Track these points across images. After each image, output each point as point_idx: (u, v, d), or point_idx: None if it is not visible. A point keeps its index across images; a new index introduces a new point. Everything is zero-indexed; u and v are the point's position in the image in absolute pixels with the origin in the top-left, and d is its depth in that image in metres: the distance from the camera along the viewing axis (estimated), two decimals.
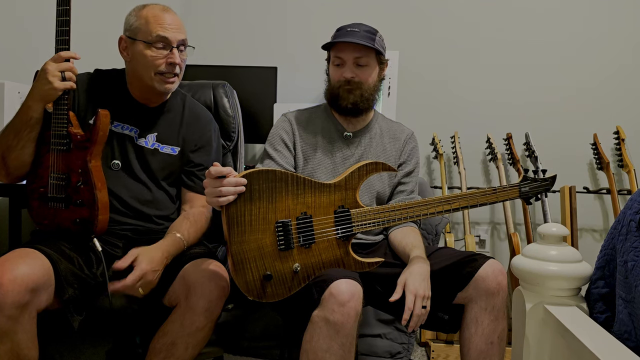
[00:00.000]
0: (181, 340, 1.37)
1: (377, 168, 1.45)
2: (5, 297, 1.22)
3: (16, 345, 1.26)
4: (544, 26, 2.56)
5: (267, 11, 2.72)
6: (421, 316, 1.36)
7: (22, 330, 1.26)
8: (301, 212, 1.37)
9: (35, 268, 1.29)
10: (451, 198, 1.45)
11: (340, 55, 1.59)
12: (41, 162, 1.49)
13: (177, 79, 1.58)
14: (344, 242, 1.41)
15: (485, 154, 2.58)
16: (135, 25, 1.53)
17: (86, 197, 1.45)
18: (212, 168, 1.27)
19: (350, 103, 1.60)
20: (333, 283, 1.28)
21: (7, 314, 1.23)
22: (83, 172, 1.46)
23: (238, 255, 1.31)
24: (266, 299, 1.34)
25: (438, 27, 2.62)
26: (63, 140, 1.46)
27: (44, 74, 1.41)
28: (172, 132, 1.64)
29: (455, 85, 2.62)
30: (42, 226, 1.50)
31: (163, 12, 1.54)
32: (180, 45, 1.54)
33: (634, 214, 1.07)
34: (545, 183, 1.52)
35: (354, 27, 1.60)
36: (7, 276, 1.23)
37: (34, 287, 1.26)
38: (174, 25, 1.53)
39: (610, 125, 2.46)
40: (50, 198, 1.47)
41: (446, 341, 2.24)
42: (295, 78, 2.65)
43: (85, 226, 1.46)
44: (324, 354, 1.27)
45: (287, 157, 1.65)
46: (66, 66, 1.42)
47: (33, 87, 1.44)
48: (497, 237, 2.64)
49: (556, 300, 1.13)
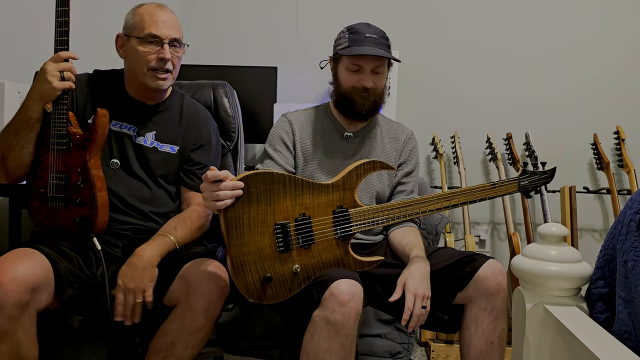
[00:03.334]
0: (181, 340, 1.37)
1: (375, 167, 1.45)
2: (6, 297, 1.22)
3: (16, 345, 1.26)
4: (544, 26, 2.56)
5: (267, 11, 2.72)
6: (421, 316, 1.36)
7: (23, 330, 1.26)
8: (300, 214, 1.37)
9: (35, 268, 1.29)
10: (450, 194, 1.45)
11: (359, 64, 1.57)
12: (40, 162, 1.49)
13: (170, 76, 1.58)
14: (343, 242, 1.41)
15: (485, 153, 2.58)
16: (131, 23, 1.55)
17: (86, 197, 1.46)
18: (209, 172, 1.27)
19: (366, 110, 1.61)
20: (333, 283, 1.28)
21: (7, 314, 1.23)
22: (83, 171, 1.46)
23: (237, 258, 1.30)
24: (266, 300, 1.33)
25: (438, 27, 2.62)
26: (62, 140, 1.47)
27: (43, 73, 1.42)
28: (170, 130, 1.64)
29: (455, 84, 2.62)
30: (42, 226, 1.50)
31: (157, 9, 1.55)
32: (173, 42, 1.55)
33: (634, 214, 1.06)
34: (545, 176, 1.51)
35: (371, 32, 1.57)
36: (7, 276, 1.23)
37: (34, 286, 1.26)
38: (167, 22, 1.54)
39: (610, 125, 2.46)
40: (50, 198, 1.47)
41: (446, 341, 2.24)
42: (295, 78, 2.65)
43: (85, 225, 1.46)
44: (325, 354, 1.27)
45: (287, 157, 1.65)
46: (65, 66, 1.43)
47: (32, 87, 1.44)
48: (497, 237, 2.64)
49: (556, 300, 1.13)
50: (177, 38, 1.56)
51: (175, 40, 1.56)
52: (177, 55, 1.58)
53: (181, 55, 1.61)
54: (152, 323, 1.43)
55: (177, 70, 1.61)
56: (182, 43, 1.59)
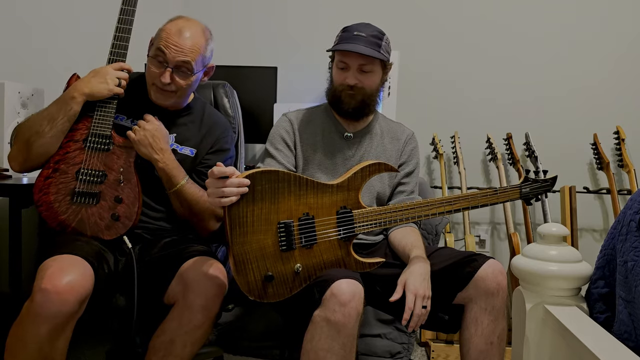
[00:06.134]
0: (179, 338, 1.37)
1: (380, 169, 1.45)
2: (63, 306, 1.24)
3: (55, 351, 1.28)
4: (545, 27, 2.56)
5: (267, 11, 2.72)
6: (421, 316, 1.36)
7: (64, 338, 1.29)
8: (303, 213, 1.37)
9: (86, 278, 1.31)
10: (452, 199, 1.45)
11: (344, 60, 1.58)
12: (66, 158, 1.50)
13: (174, 95, 1.58)
14: (345, 243, 1.41)
15: (485, 154, 2.58)
16: (157, 33, 1.57)
17: (126, 194, 1.51)
18: (215, 168, 1.27)
19: (352, 108, 1.61)
20: (334, 283, 1.28)
21: (58, 322, 1.25)
22: (125, 171, 1.52)
23: (240, 256, 1.31)
24: (267, 299, 1.34)
25: (438, 28, 2.62)
26: (105, 140, 1.52)
27: (104, 73, 1.49)
28: (191, 134, 1.66)
29: (455, 85, 2.62)
30: (54, 222, 1.49)
31: (177, 31, 1.53)
32: (180, 67, 1.53)
33: (634, 214, 1.07)
34: (546, 184, 1.52)
35: (360, 30, 1.57)
36: (63, 286, 1.25)
37: (85, 297, 1.29)
38: (180, 47, 1.52)
39: (610, 125, 2.46)
40: (79, 193, 1.48)
41: (446, 341, 2.24)
42: (295, 78, 2.65)
43: (119, 221, 1.50)
44: (325, 353, 1.27)
45: (288, 156, 1.65)
46: (123, 75, 1.53)
47: (84, 82, 1.49)
48: (497, 237, 2.64)
49: (556, 300, 1.13)
50: (186, 63, 1.53)
51: (183, 66, 1.53)
52: (185, 79, 1.55)
53: (193, 80, 1.57)
54: (152, 322, 1.43)
55: (184, 91, 1.59)
56: (192, 69, 1.54)
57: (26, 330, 1.25)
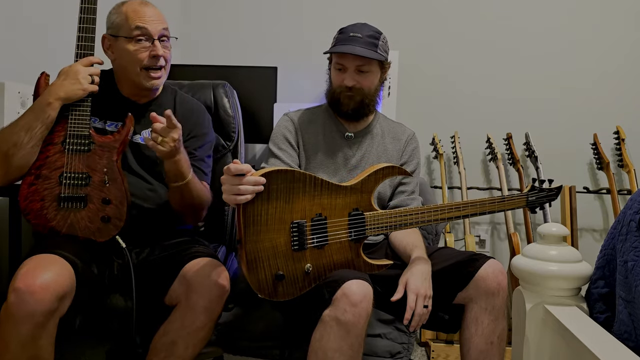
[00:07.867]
0: (181, 340, 1.37)
1: (394, 172, 1.46)
2: (38, 304, 1.23)
3: (39, 351, 1.27)
4: (545, 26, 2.56)
5: (267, 11, 2.72)
6: (423, 315, 1.36)
7: (47, 336, 1.27)
8: (316, 214, 1.37)
9: (64, 275, 1.30)
10: (461, 205, 1.47)
11: (341, 62, 1.58)
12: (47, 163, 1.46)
13: (164, 72, 1.58)
14: (355, 245, 1.41)
15: (485, 153, 2.58)
16: (117, 22, 1.54)
17: (114, 195, 1.47)
18: (232, 165, 1.25)
19: (351, 109, 1.62)
20: (345, 283, 1.28)
21: (36, 321, 1.24)
22: (109, 171, 1.47)
23: (252, 254, 1.30)
24: (277, 298, 1.34)
25: (438, 28, 2.62)
26: (84, 140, 1.47)
27: (75, 74, 1.43)
28: None
29: (455, 85, 2.62)
30: (45, 229, 1.46)
31: (142, 6, 1.54)
32: (162, 37, 1.54)
33: (634, 214, 1.07)
34: (551, 194, 1.56)
35: (356, 30, 1.57)
36: (38, 284, 1.23)
37: (63, 295, 1.28)
38: (154, 17, 1.53)
39: (610, 125, 2.46)
40: (65, 198, 1.45)
41: (446, 341, 2.24)
42: (295, 78, 2.65)
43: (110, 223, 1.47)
44: (334, 353, 1.27)
45: (292, 155, 1.65)
46: (95, 70, 1.47)
47: (57, 85, 1.44)
48: (497, 237, 2.64)
49: (556, 300, 1.13)
50: (166, 31, 1.55)
51: (164, 35, 1.55)
52: (168, 49, 1.57)
53: (171, 49, 1.59)
54: (152, 323, 1.43)
55: (169, 65, 1.60)
56: (169, 36, 1.57)
57: (6, 331, 1.24)
